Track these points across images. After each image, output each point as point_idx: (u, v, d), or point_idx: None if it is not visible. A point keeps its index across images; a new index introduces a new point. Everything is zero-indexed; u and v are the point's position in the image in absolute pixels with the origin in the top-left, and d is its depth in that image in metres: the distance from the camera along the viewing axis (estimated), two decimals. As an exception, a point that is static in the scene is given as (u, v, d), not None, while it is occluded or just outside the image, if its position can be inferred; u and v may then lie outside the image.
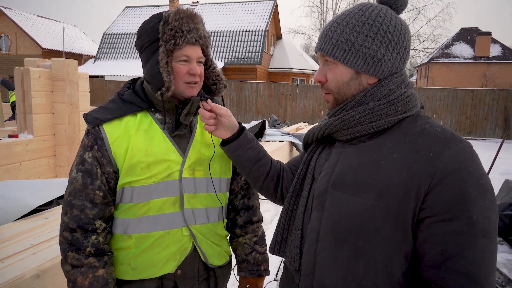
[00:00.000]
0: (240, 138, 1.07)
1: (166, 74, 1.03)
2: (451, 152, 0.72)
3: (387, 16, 0.83)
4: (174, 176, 1.07)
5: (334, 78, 0.86)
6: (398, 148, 0.77)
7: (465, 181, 0.70)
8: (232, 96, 14.63)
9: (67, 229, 1.03)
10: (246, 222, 1.28)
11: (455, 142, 0.74)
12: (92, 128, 1.05)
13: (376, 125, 0.82)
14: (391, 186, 0.74)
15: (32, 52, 21.73)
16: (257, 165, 1.08)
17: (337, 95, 0.87)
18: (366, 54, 0.82)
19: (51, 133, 4.32)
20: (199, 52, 1.08)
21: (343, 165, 0.84)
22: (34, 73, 4.00)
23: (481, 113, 12.45)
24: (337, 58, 0.83)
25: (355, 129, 0.85)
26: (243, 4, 21.38)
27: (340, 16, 0.86)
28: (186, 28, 1.04)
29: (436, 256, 0.71)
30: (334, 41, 0.84)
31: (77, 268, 1.01)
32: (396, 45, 0.83)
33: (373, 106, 0.83)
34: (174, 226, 1.08)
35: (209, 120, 1.06)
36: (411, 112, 0.83)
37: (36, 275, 1.49)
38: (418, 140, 0.77)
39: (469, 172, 0.71)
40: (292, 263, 0.92)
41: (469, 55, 28.30)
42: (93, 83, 15.33)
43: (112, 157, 1.04)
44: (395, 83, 0.84)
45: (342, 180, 0.82)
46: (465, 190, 0.69)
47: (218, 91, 1.18)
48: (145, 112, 1.09)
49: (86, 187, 1.03)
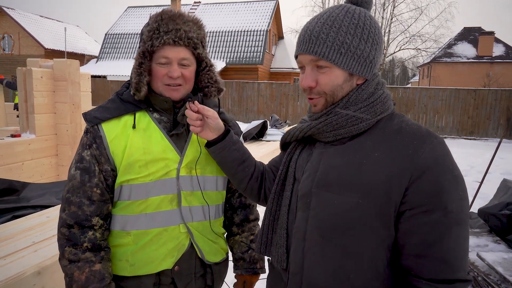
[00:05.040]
0: (226, 139, 1.08)
1: (135, 75, 1.06)
2: (428, 148, 0.76)
3: (371, 18, 0.86)
4: (171, 175, 1.09)
5: (329, 81, 0.85)
6: (379, 147, 0.81)
7: (441, 174, 0.75)
8: (234, 96, 14.64)
9: (64, 225, 1.05)
10: (242, 220, 1.31)
11: (430, 138, 0.78)
12: (91, 127, 1.08)
13: (358, 128, 0.85)
14: (374, 183, 0.78)
15: (34, 52, 21.82)
16: (242, 166, 1.10)
17: (330, 98, 0.87)
18: (361, 56, 0.83)
19: (53, 133, 4.36)
20: (182, 54, 1.06)
21: (326, 165, 0.86)
22: (36, 73, 4.04)
23: (483, 113, 12.40)
24: (334, 61, 0.83)
25: (337, 132, 0.87)
26: (245, 4, 21.39)
27: (327, 18, 0.85)
28: (164, 29, 1.04)
29: (416, 245, 0.76)
30: (329, 44, 0.82)
31: (74, 263, 1.03)
32: (379, 46, 0.86)
33: (355, 110, 0.85)
34: (172, 223, 1.10)
35: (196, 122, 1.06)
36: (387, 112, 0.86)
37: (37, 272, 1.52)
38: (396, 138, 0.80)
39: (445, 165, 0.76)
40: (279, 263, 0.94)
41: (472, 55, 28.18)
42: (95, 83, 15.40)
43: (110, 156, 1.06)
44: (373, 85, 0.87)
45: (326, 180, 0.85)
46: (442, 182, 0.74)
47: (210, 94, 1.17)
48: (143, 112, 1.11)
49: (84, 184, 1.05)
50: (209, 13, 21.11)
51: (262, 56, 18.72)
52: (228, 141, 1.09)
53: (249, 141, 5.51)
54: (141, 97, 1.08)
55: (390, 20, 20.88)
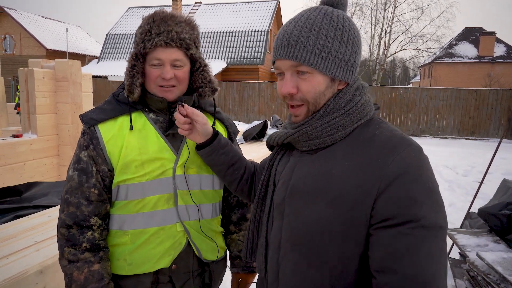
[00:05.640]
0: (213, 143, 1.09)
1: (127, 78, 1.08)
2: (397, 157, 0.72)
3: (349, 20, 0.83)
4: (167, 174, 1.10)
5: (311, 88, 0.81)
6: (349, 156, 0.78)
7: (411, 185, 0.70)
8: (235, 96, 14.65)
9: (63, 226, 1.06)
10: (240, 219, 1.32)
11: (402, 146, 0.74)
12: (88, 128, 1.09)
13: (333, 138, 0.81)
14: (343, 194, 0.75)
15: (36, 53, 21.89)
16: (230, 169, 1.12)
17: (312, 106, 0.83)
18: (342, 60, 0.80)
19: (55, 133, 4.38)
20: (174, 55, 1.07)
21: (299, 173, 0.84)
22: (38, 73, 4.06)
23: (484, 113, 12.39)
24: (316, 66, 0.78)
25: (313, 142, 0.84)
26: (246, 4, 21.40)
27: (306, 21, 0.80)
28: (156, 31, 1.05)
29: (382, 259, 0.70)
30: (310, 48, 0.78)
31: (73, 263, 1.04)
32: (359, 48, 0.84)
33: (330, 119, 0.81)
34: (168, 222, 1.11)
35: (184, 125, 1.06)
36: (365, 118, 0.82)
37: (39, 271, 1.54)
38: (367, 147, 0.77)
39: (416, 175, 0.71)
40: (260, 270, 0.94)
41: (473, 55, 28.15)
42: (97, 83, 15.43)
43: (107, 156, 1.07)
44: (351, 91, 0.84)
45: (298, 189, 0.83)
46: (412, 193, 0.69)
47: (204, 95, 1.17)
48: (139, 112, 1.12)
49: (81, 185, 1.06)
50: (210, 13, 21.12)
51: (263, 57, 18.73)
52: (215, 146, 1.09)
53: (249, 141, 5.52)
54: (134, 98, 1.09)
55: (391, 20, 20.88)
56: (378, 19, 21.55)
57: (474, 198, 3.29)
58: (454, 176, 6.58)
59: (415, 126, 12.91)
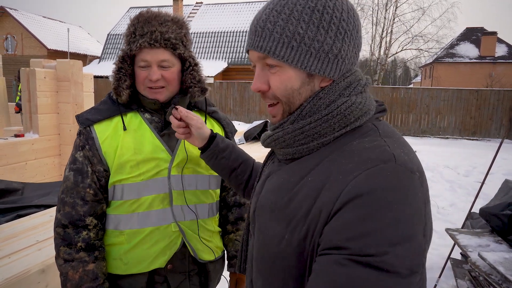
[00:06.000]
0: (210, 148, 1.03)
1: (114, 80, 1.09)
2: (363, 173, 0.55)
3: (338, 0, 0.65)
4: (163, 174, 1.10)
5: (280, 84, 0.66)
6: (316, 171, 0.63)
7: (370, 208, 0.52)
8: (236, 96, 14.65)
9: (59, 225, 1.07)
10: (237, 219, 1.32)
11: (374, 162, 0.56)
12: (84, 129, 1.10)
13: (307, 148, 0.66)
14: (299, 215, 0.61)
15: (37, 53, 21.93)
16: (233, 174, 1.05)
17: (286, 106, 0.68)
18: (320, 50, 0.63)
19: (56, 133, 4.38)
20: (160, 56, 1.05)
21: (268, 187, 0.72)
22: (40, 73, 4.06)
23: (485, 114, 12.36)
24: (283, 58, 0.63)
25: (285, 151, 0.70)
26: (247, 4, 21.41)
27: (277, 3, 0.65)
28: (140, 32, 1.04)
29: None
30: (276, 36, 0.63)
31: (69, 262, 1.05)
32: (352, 36, 0.65)
33: (303, 125, 0.66)
34: (164, 222, 1.11)
35: (179, 129, 1.04)
36: (352, 126, 0.65)
37: (41, 270, 1.54)
38: (336, 160, 0.62)
39: (380, 198, 0.53)
40: None
41: (474, 55, 28.10)
42: (98, 83, 15.44)
43: (103, 156, 1.08)
44: (338, 89, 0.66)
45: (264, 203, 0.71)
46: (366, 217, 0.52)
47: (193, 95, 1.14)
48: (134, 112, 1.13)
49: (77, 185, 1.07)
50: (211, 13, 21.13)
51: (264, 57, 18.72)
52: (213, 150, 1.03)
53: (250, 141, 5.53)
54: (123, 100, 1.10)
55: (392, 20, 20.87)
56: (379, 19, 21.55)
57: (475, 198, 3.28)
58: (455, 176, 6.57)
59: (416, 126, 12.90)
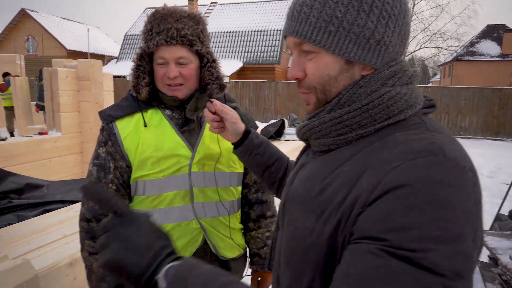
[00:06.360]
0: (244, 144, 1.00)
1: (132, 78, 1.09)
2: (408, 163, 0.50)
3: None
4: (183, 171, 1.10)
5: (317, 71, 0.63)
6: (352, 160, 0.59)
7: (416, 200, 0.47)
8: (251, 95, 14.67)
9: (84, 219, 1.09)
10: (259, 216, 1.30)
11: (422, 153, 0.51)
12: (106, 125, 1.11)
13: (345, 139, 0.62)
14: (332, 205, 0.57)
15: (57, 53, 22.51)
16: (267, 171, 1.01)
17: (321, 95, 0.65)
18: (360, 35, 0.59)
19: (78, 131, 4.47)
20: (178, 53, 1.04)
21: (300, 177, 0.69)
22: (62, 73, 4.15)
23: (509, 113, 11.95)
24: (320, 44, 0.60)
25: (321, 141, 0.65)
26: (261, 3, 21.40)
27: None
28: (156, 30, 1.04)
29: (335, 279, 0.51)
30: (313, 20, 0.60)
31: (93, 255, 1.07)
32: (398, 21, 0.60)
33: (342, 114, 0.62)
34: (185, 219, 1.10)
35: (213, 123, 1.02)
36: (396, 118, 0.60)
37: (69, 263, 1.57)
38: (376, 150, 0.57)
39: (428, 191, 0.47)
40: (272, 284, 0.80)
41: (496, 53, 27.26)
42: (115, 83, 15.68)
43: (125, 152, 1.09)
44: (381, 78, 0.62)
45: (294, 195, 0.68)
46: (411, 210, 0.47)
47: (212, 92, 1.13)
48: (155, 109, 1.13)
49: (100, 180, 1.08)
50: (226, 13, 21.22)
51: (279, 56, 18.68)
52: (247, 146, 0.99)
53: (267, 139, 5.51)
54: (143, 98, 1.10)
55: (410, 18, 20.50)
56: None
57: (503, 200, 3.17)
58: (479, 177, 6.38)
59: (435, 126, 12.61)
